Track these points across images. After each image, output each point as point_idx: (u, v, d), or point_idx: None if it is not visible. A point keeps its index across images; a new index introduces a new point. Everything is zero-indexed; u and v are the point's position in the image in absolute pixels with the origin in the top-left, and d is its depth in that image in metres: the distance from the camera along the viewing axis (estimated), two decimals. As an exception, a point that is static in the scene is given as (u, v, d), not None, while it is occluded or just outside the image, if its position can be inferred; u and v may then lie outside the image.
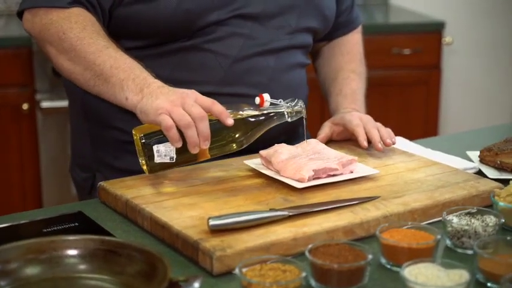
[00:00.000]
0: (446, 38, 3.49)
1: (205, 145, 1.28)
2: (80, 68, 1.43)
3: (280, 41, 1.59)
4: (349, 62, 1.79)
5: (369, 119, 1.58)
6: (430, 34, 3.40)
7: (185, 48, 1.53)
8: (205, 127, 1.27)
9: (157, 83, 1.35)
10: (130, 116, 1.39)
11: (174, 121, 1.26)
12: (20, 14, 1.56)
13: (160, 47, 1.54)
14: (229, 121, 1.29)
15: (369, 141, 1.54)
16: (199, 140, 1.27)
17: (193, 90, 1.33)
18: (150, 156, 1.31)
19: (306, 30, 1.65)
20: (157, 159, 1.31)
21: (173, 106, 1.27)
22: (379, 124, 1.58)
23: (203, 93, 1.45)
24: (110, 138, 1.61)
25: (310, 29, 1.66)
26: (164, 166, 1.33)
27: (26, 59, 2.90)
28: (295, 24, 1.61)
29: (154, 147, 1.30)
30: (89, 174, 1.65)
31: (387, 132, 1.55)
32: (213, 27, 1.52)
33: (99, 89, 1.42)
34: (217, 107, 1.29)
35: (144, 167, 1.33)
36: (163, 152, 1.31)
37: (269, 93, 1.44)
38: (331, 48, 1.83)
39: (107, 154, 1.61)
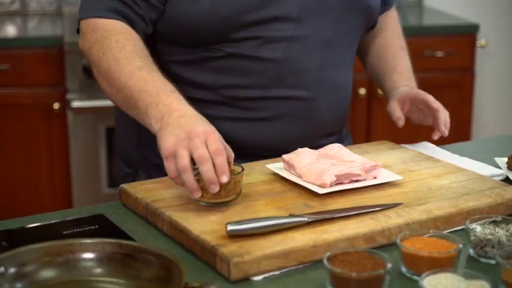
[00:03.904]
0: (481, 41, 3.44)
1: (196, 195, 1.23)
2: (114, 89, 1.41)
3: (324, 39, 1.55)
4: (394, 38, 1.78)
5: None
6: (464, 36, 3.35)
7: (229, 54, 1.50)
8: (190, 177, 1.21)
9: (180, 111, 1.29)
10: None
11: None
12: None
13: (203, 52, 1.51)
14: (223, 178, 1.21)
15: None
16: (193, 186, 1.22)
17: (210, 129, 1.25)
18: None
19: (350, 25, 1.59)
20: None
21: (178, 147, 1.22)
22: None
23: (250, 98, 1.49)
24: (155, 138, 1.59)
25: (354, 24, 1.60)
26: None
27: (58, 58, 2.93)
28: (338, 19, 1.56)
29: None
30: (131, 170, 1.65)
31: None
32: (253, 31, 1.49)
33: (131, 112, 1.39)
34: (220, 160, 1.22)
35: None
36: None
37: (314, 94, 1.48)
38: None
39: (152, 153, 1.59)
